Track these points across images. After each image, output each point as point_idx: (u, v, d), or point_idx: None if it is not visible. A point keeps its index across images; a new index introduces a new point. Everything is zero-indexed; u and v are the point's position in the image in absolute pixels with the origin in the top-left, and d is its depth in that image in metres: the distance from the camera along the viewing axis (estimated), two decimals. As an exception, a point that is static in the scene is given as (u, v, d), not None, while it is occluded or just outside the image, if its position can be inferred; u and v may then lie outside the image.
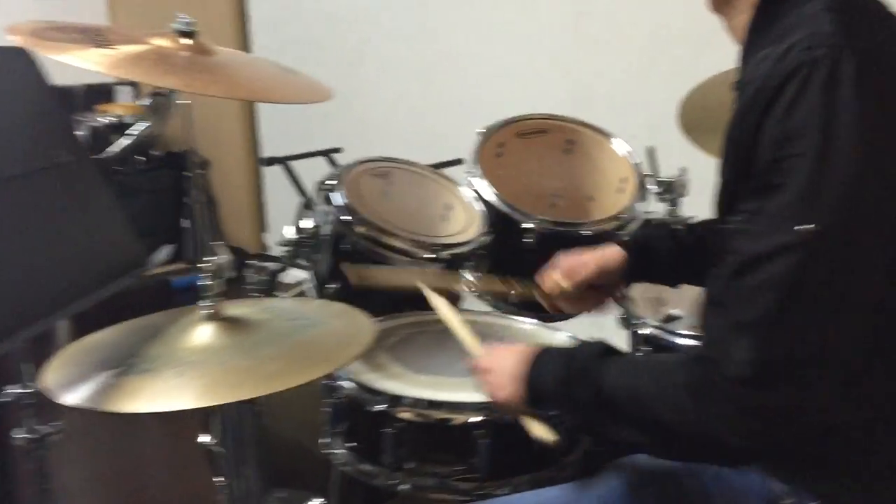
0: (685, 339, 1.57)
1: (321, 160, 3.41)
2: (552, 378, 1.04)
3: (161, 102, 1.36)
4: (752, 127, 0.90)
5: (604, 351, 1.04)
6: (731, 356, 0.87)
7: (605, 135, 1.90)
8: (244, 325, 1.12)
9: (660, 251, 1.37)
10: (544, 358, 1.08)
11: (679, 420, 0.91)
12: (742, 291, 0.88)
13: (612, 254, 1.37)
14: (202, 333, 1.09)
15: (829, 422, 0.90)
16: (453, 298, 1.51)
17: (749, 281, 0.87)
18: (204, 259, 1.09)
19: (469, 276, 1.56)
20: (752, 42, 1.02)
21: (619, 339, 2.08)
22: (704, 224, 1.37)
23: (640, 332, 1.64)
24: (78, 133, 1.17)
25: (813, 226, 0.84)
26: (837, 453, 0.95)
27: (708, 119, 1.73)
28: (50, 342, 1.24)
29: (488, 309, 1.74)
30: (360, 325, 1.15)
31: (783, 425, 0.88)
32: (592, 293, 1.40)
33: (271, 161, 3.49)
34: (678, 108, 1.95)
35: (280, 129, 4.00)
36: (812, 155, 0.84)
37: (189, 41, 1.39)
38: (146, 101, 1.36)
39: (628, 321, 1.69)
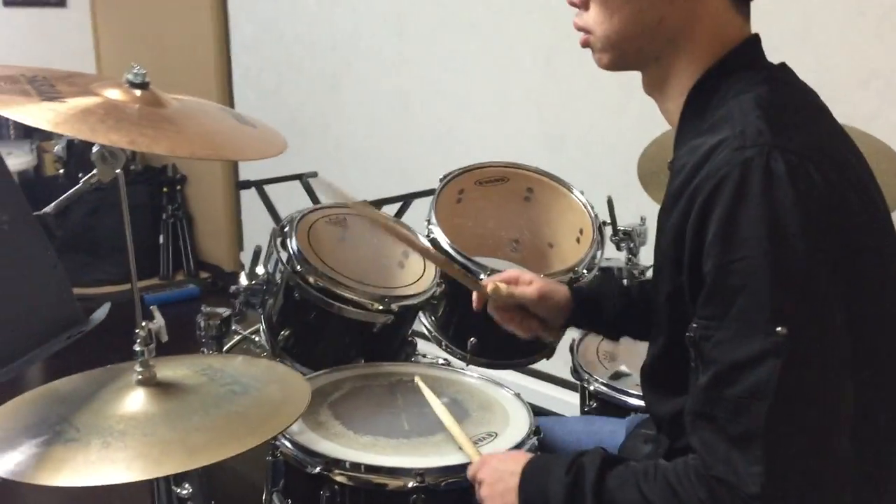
0: (633, 398, 1.58)
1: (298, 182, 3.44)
2: (550, 495, 1.00)
3: (108, 151, 1.36)
4: (695, 225, 0.91)
5: (602, 463, 0.99)
6: (741, 474, 0.86)
7: (565, 185, 1.91)
8: (177, 390, 1.12)
9: (605, 307, 1.37)
10: (538, 472, 1.04)
11: None
12: (730, 403, 0.87)
13: (558, 289, 1.36)
14: (134, 399, 1.10)
15: None
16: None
17: (734, 391, 0.87)
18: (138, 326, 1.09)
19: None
20: (685, 128, 1.03)
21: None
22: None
23: (588, 387, 1.65)
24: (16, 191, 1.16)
25: (784, 328, 0.84)
26: None
27: (662, 173, 1.74)
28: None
29: (438, 359, 1.75)
30: (294, 392, 1.15)
31: None
32: (524, 316, 1.38)
33: (246, 184, 3.50)
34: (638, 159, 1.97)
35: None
36: (764, 257, 0.85)
37: (141, 92, 1.39)
38: (94, 150, 1.36)
39: (578, 374, 1.70)
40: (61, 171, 4.03)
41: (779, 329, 0.84)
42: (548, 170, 2.75)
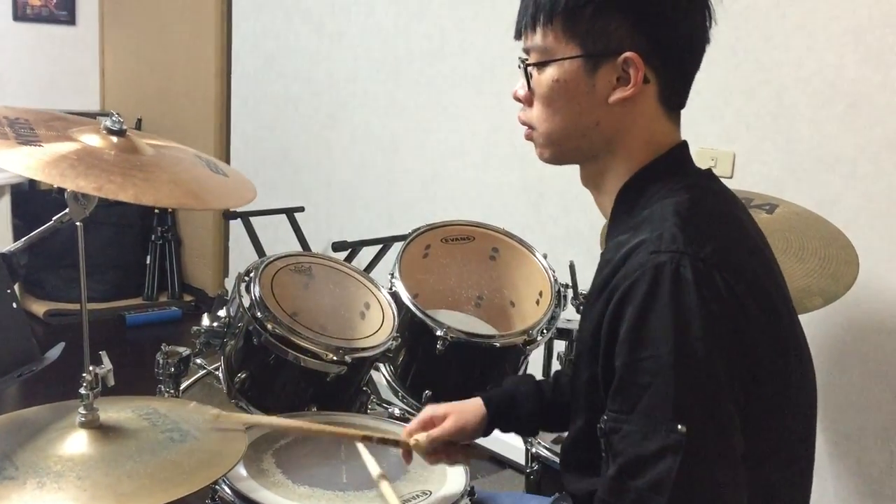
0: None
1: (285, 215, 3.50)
2: None
3: (81, 193, 1.41)
4: (610, 321, 0.97)
5: None
6: None
7: (529, 248, 1.97)
8: (117, 433, 1.16)
9: (521, 409, 1.39)
10: None
11: None
12: (632, 494, 0.93)
13: (470, 409, 1.37)
14: (75, 441, 1.14)
15: None
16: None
17: (637, 484, 0.92)
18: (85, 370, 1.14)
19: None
20: (615, 223, 1.10)
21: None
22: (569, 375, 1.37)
23: (531, 448, 1.70)
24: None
25: (684, 426, 0.90)
26: None
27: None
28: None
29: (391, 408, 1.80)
30: (230, 445, 1.19)
31: None
32: (449, 451, 1.39)
33: (233, 215, 3.57)
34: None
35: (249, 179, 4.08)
36: (668, 357, 0.91)
37: (118, 139, 1.45)
38: (67, 191, 1.42)
39: (524, 438, 1.75)
40: (55, 186, 4.09)
41: (679, 427, 0.90)
42: (524, 223, 2.82)
